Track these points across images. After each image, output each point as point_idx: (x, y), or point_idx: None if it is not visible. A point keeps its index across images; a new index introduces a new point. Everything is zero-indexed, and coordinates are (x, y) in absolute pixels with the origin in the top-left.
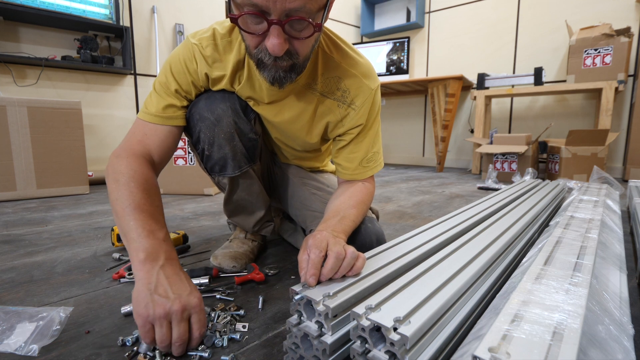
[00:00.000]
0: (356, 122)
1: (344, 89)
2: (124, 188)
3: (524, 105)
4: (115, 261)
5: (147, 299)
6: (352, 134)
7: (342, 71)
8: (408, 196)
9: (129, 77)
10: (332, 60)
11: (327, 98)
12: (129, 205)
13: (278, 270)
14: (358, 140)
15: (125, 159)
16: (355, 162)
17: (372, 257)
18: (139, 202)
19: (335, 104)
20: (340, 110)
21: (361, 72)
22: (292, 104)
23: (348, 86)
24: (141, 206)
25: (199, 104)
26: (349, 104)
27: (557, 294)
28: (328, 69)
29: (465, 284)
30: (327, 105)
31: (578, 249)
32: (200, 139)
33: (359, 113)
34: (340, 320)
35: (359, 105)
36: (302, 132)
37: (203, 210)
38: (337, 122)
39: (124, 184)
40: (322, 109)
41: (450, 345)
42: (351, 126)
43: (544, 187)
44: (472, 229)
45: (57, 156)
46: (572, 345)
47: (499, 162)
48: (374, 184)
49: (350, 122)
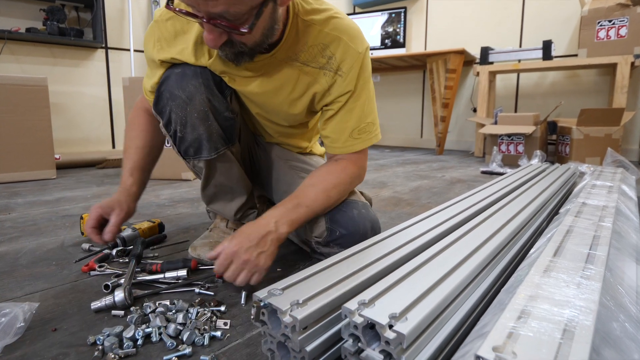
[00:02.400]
0: (344, 90)
1: (329, 55)
2: (129, 128)
3: (531, 81)
4: (84, 252)
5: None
6: (340, 101)
7: (325, 37)
8: (405, 181)
9: (99, 51)
10: (312, 28)
11: (310, 67)
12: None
13: None
14: (348, 109)
15: (138, 108)
16: (345, 132)
17: (365, 249)
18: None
19: (320, 72)
20: (327, 78)
21: (347, 35)
22: (271, 76)
23: (333, 51)
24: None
25: (168, 81)
26: (336, 71)
27: (568, 288)
28: (310, 38)
29: (467, 277)
30: (311, 75)
31: (590, 239)
32: (171, 120)
33: (346, 79)
34: (332, 319)
35: (346, 71)
36: (284, 105)
37: (180, 196)
38: (324, 92)
39: (129, 126)
40: (306, 79)
41: (450, 344)
42: (339, 94)
43: (554, 172)
44: (474, 217)
45: (21, 137)
46: (584, 344)
47: (504, 144)
48: (366, 161)
49: (337, 89)
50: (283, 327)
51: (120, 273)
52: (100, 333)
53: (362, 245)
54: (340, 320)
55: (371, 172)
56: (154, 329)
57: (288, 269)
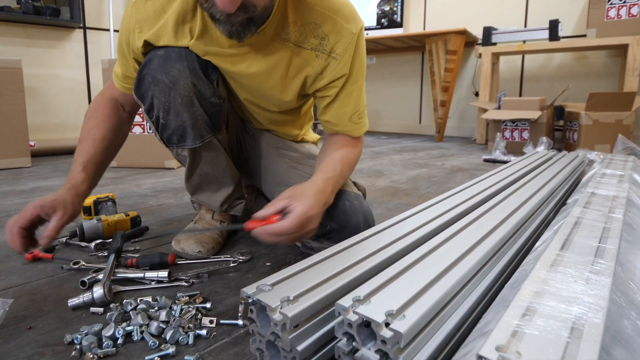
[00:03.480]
0: (338, 73)
1: (321, 35)
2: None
3: (537, 64)
4: (62, 245)
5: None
6: (336, 86)
7: (317, 15)
8: (402, 170)
9: (77, 31)
10: (303, 4)
11: (302, 49)
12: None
13: (251, 256)
14: (346, 93)
15: (99, 98)
16: (344, 118)
17: (360, 242)
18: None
19: (312, 54)
20: (319, 60)
21: (340, 14)
22: (261, 57)
23: (326, 32)
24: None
25: (150, 65)
26: (329, 53)
27: (576, 284)
28: (300, 15)
29: (468, 272)
30: (303, 57)
31: (600, 232)
32: (153, 106)
33: (340, 62)
34: (322, 318)
35: (340, 53)
36: (276, 90)
37: (164, 186)
38: (316, 75)
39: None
40: (298, 61)
41: (451, 343)
42: (333, 78)
43: (561, 160)
44: (476, 209)
45: None
46: (593, 343)
47: (508, 130)
48: (362, 147)
49: (331, 73)
50: (273, 325)
51: (99, 268)
52: (78, 332)
53: (357, 238)
54: (333, 317)
55: (366, 160)
56: (135, 327)
57: (277, 263)
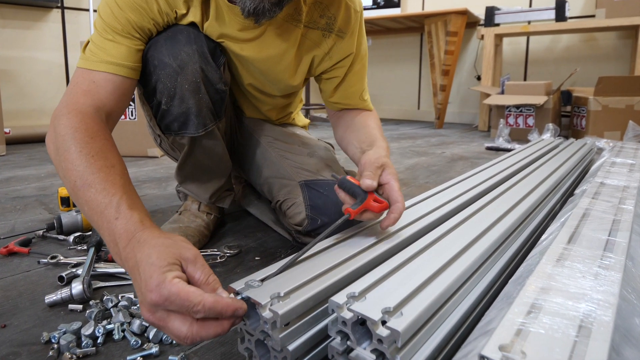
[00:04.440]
0: (345, 52)
1: (328, 15)
2: (65, 156)
3: (542, 46)
4: (38, 239)
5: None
6: (344, 66)
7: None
8: (400, 158)
9: (54, 11)
10: None
11: (312, 29)
12: (79, 179)
13: (239, 250)
14: (354, 72)
15: (66, 116)
16: (355, 97)
17: (354, 235)
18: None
19: (320, 34)
20: (327, 41)
21: None
22: (273, 40)
23: (334, 13)
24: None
25: (157, 47)
26: (337, 32)
27: (584, 279)
28: None
29: (470, 267)
30: (312, 38)
31: (610, 224)
32: (157, 90)
33: (347, 41)
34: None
35: (346, 31)
36: (286, 73)
37: (147, 175)
38: (323, 56)
39: (65, 151)
40: (308, 43)
41: (451, 342)
42: (340, 57)
43: (568, 148)
44: (478, 199)
45: None
46: (602, 342)
47: (512, 117)
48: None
49: (338, 52)
50: (262, 323)
51: (78, 262)
52: (55, 330)
53: (351, 232)
54: (326, 315)
55: None
56: (116, 326)
57: (267, 257)
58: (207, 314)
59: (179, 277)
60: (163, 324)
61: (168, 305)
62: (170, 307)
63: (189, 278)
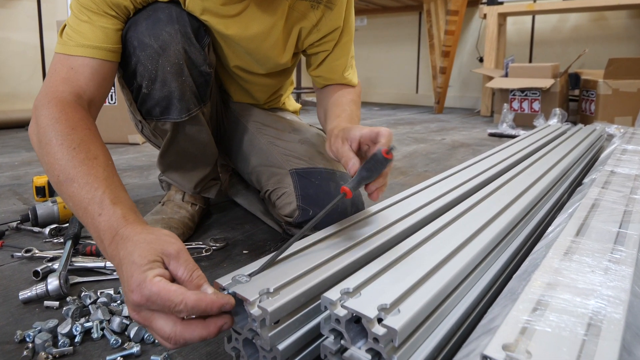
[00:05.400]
0: (334, 25)
1: None
2: (47, 150)
3: (549, 25)
4: (12, 231)
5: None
6: (332, 40)
7: None
8: (397, 145)
9: None
10: None
11: (300, 0)
12: (61, 174)
13: (225, 243)
14: (340, 44)
15: (46, 106)
16: (338, 71)
17: (348, 227)
18: (68, 169)
19: (308, 5)
20: (315, 12)
21: None
22: (259, 15)
23: None
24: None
25: (137, 27)
26: (325, 3)
27: (593, 274)
28: None
29: (472, 262)
30: (299, 9)
31: (621, 215)
32: (137, 73)
33: (336, 13)
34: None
35: (335, 2)
36: (275, 50)
37: (127, 163)
38: (311, 28)
39: (46, 144)
40: (295, 15)
41: (452, 341)
42: (328, 30)
43: (576, 134)
44: (480, 189)
45: None
46: (612, 341)
47: (517, 101)
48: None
49: (327, 24)
50: (250, 321)
51: (54, 256)
52: (30, 328)
53: (345, 224)
54: (319, 312)
55: None
56: (94, 324)
57: (256, 251)
58: (191, 312)
59: (161, 275)
60: (148, 324)
61: (150, 305)
62: (153, 307)
63: (172, 275)
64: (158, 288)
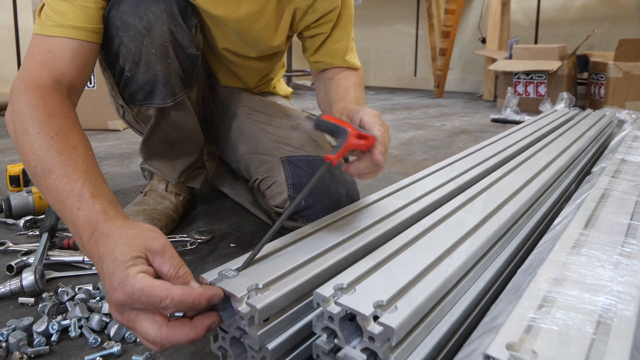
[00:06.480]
0: (331, 5)
1: None
2: (24, 139)
3: (556, 4)
4: None
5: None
6: (330, 21)
7: None
8: (394, 132)
9: None
10: None
11: None
12: (38, 165)
13: (211, 236)
14: (339, 26)
15: (23, 92)
16: (339, 55)
17: (342, 219)
18: (45, 160)
19: None
20: None
21: None
22: None
23: None
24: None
25: (120, 5)
26: None
27: (603, 269)
28: None
29: (473, 256)
30: None
31: (632, 206)
32: (119, 55)
33: None
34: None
35: None
36: (267, 32)
37: (107, 151)
38: (306, 8)
39: (22, 132)
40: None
41: (452, 340)
42: (325, 10)
43: (585, 120)
44: (482, 179)
45: None
46: (623, 340)
47: (522, 85)
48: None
49: (323, 4)
50: (238, 318)
51: (29, 250)
52: (4, 326)
53: (339, 215)
54: (311, 310)
55: None
56: (72, 321)
57: (244, 244)
58: (178, 307)
59: (145, 272)
60: (132, 326)
61: (134, 304)
62: (137, 305)
63: (157, 272)
64: (142, 284)
